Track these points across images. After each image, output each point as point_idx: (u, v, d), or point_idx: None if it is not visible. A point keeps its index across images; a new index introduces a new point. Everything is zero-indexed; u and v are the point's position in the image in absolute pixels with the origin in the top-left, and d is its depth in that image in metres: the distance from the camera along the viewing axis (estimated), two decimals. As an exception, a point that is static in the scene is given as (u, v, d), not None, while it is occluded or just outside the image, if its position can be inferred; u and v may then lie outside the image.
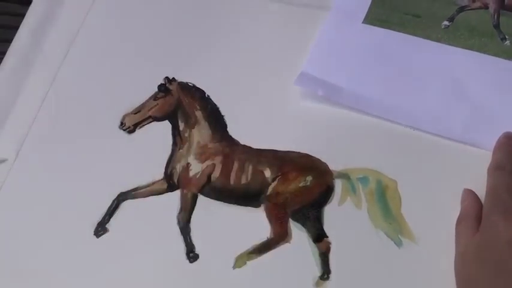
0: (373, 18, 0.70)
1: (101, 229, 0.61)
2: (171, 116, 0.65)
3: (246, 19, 0.71)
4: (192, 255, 0.59)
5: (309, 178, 0.60)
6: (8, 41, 0.74)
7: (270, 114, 0.65)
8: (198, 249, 0.59)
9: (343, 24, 0.70)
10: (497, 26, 0.67)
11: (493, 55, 0.65)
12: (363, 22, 0.70)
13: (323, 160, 0.61)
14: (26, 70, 0.71)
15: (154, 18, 0.73)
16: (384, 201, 0.59)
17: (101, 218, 0.61)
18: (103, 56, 0.69)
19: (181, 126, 0.64)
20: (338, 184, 0.60)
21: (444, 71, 0.65)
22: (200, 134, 0.64)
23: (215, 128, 0.64)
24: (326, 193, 0.60)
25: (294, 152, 0.62)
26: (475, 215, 0.55)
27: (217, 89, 0.66)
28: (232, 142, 0.63)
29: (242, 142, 0.63)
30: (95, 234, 0.61)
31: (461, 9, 0.69)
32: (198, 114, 0.65)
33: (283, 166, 0.61)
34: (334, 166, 0.61)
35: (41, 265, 0.60)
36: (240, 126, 0.64)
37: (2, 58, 0.72)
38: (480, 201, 0.56)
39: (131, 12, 0.73)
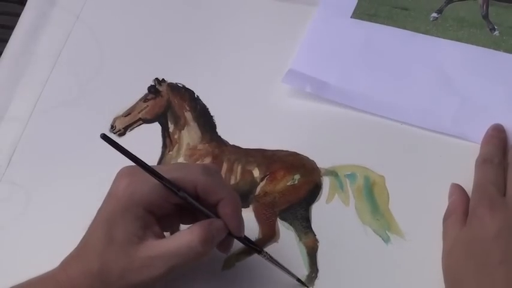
0: (361, 12, 0.69)
1: (94, 233, 0.61)
2: (161, 117, 0.66)
3: (234, 18, 0.71)
4: (181, 257, 0.59)
5: (297, 176, 0.60)
6: (7, 41, 0.75)
7: (259, 113, 0.65)
8: (187, 251, 0.59)
9: (331, 19, 0.70)
10: (486, 17, 0.66)
11: (482, 46, 0.65)
12: (351, 17, 0.70)
13: (311, 158, 0.61)
14: (19, 73, 0.72)
15: (143, 19, 0.73)
16: (372, 198, 0.58)
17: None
18: (93, 58, 0.69)
19: (171, 127, 0.65)
20: (326, 181, 0.60)
21: (433, 64, 0.65)
22: (190, 135, 0.64)
23: (204, 129, 0.64)
24: (314, 191, 0.60)
25: (282, 150, 0.62)
26: (462, 209, 0.55)
27: (206, 88, 0.67)
28: (221, 142, 0.64)
29: (231, 142, 0.63)
30: (87, 238, 0.61)
31: (450, 0, 0.68)
32: (188, 115, 0.65)
33: (271, 165, 0.61)
34: (322, 163, 0.61)
35: (34, 271, 0.60)
36: (229, 126, 0.64)
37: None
38: (468, 196, 0.56)
39: (121, 14, 0.74)
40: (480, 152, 0.58)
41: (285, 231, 0.59)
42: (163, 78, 0.67)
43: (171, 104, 0.66)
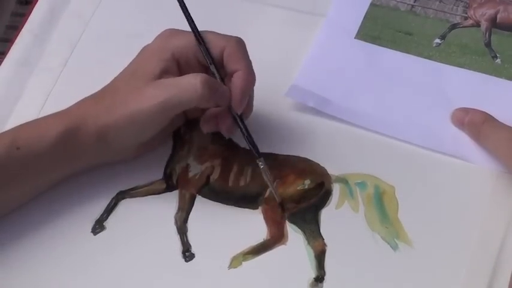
0: (365, 34, 0.71)
1: (98, 227, 0.61)
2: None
3: (247, 23, 0.73)
4: (187, 254, 0.59)
5: (307, 182, 0.61)
6: (7, 40, 0.74)
7: (271, 119, 0.66)
8: (194, 249, 0.59)
9: (335, 38, 0.72)
10: (488, 44, 0.69)
11: (484, 73, 0.67)
12: (355, 37, 0.71)
13: (322, 165, 0.62)
14: (28, 72, 0.71)
15: (158, 20, 0.73)
16: (381, 206, 0.60)
17: (98, 216, 0.61)
18: (105, 57, 0.70)
19: (182, 128, 0.65)
20: (336, 188, 0.61)
21: (435, 88, 0.67)
22: (201, 136, 0.64)
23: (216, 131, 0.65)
24: (324, 196, 0.61)
25: (293, 156, 0.63)
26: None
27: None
28: (232, 145, 0.64)
29: (242, 145, 0.64)
30: (92, 231, 0.61)
31: (453, 26, 0.71)
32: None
33: (282, 170, 0.62)
34: (332, 171, 0.62)
35: (37, 261, 0.59)
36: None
37: (2, 58, 0.73)
38: None
39: (134, 14, 0.74)
40: (470, 125, 0.63)
41: (294, 234, 0.59)
42: (175, 80, 0.68)
43: (183, 105, 0.66)
